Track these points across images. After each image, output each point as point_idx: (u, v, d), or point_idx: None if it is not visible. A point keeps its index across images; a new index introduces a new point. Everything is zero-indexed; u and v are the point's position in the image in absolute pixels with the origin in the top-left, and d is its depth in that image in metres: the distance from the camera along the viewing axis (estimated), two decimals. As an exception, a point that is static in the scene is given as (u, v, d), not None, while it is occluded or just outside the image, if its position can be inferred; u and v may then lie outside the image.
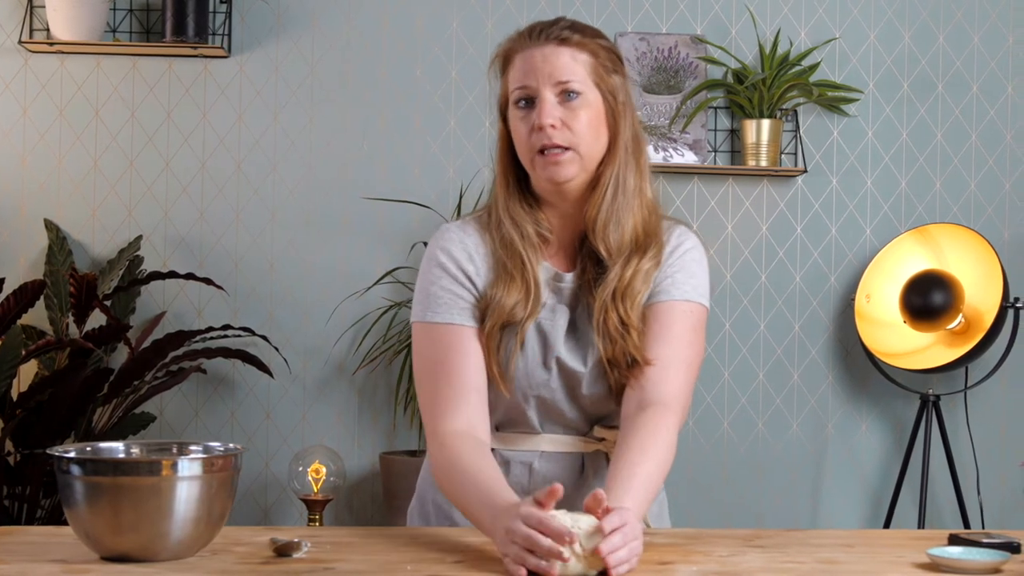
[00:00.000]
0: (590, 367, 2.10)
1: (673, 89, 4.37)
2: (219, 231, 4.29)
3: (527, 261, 2.11)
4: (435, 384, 2.09)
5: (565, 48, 2.08)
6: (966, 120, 4.46)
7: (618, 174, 2.11)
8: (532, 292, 2.10)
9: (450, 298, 2.12)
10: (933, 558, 1.78)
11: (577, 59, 2.08)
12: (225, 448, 1.88)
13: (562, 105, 2.07)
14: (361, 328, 4.25)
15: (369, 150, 4.32)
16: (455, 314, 2.11)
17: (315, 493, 4.06)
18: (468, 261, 2.14)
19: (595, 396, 2.12)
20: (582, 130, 2.07)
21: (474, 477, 1.96)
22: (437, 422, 2.07)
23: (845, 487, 4.44)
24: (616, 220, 2.11)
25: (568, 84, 2.07)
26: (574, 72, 2.08)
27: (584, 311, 2.13)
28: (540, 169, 2.09)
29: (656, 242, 2.14)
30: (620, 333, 2.07)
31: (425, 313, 2.13)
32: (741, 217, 4.40)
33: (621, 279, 2.10)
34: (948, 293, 4.13)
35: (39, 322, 4.12)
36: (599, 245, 2.10)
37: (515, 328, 2.09)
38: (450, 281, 2.13)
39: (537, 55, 2.08)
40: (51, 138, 4.25)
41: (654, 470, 1.96)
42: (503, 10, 4.34)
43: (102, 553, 1.76)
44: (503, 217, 2.14)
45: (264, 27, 4.30)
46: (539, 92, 2.07)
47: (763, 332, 4.41)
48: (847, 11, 4.43)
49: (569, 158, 2.07)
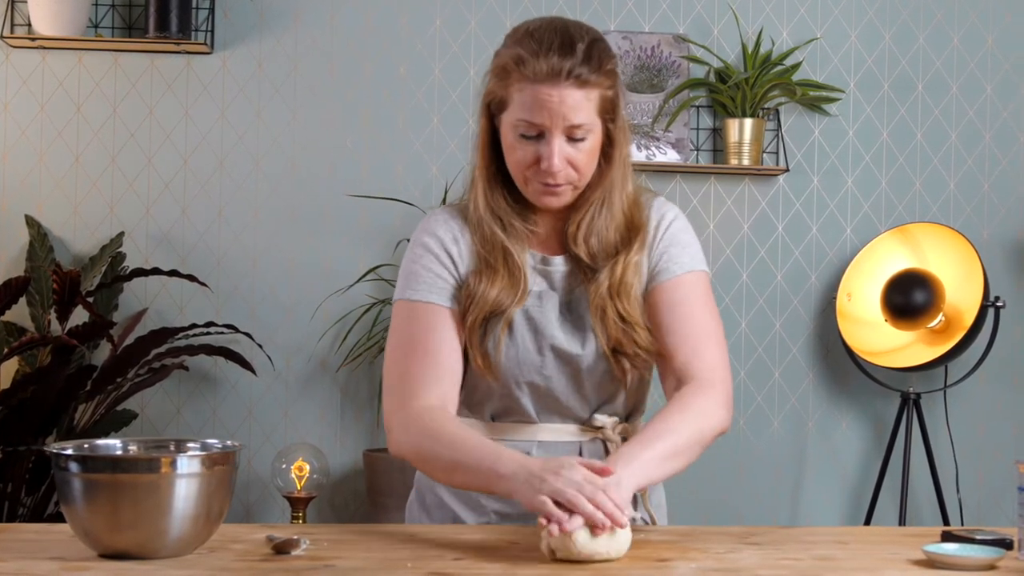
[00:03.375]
0: (589, 349, 2.11)
1: (656, 88, 4.38)
2: (202, 228, 4.27)
3: (511, 250, 2.11)
4: (408, 361, 2.09)
5: (581, 91, 2.03)
6: (946, 120, 4.49)
7: (605, 194, 2.12)
8: (518, 280, 2.10)
9: (431, 277, 2.12)
10: (929, 554, 1.80)
11: (590, 98, 2.04)
12: (223, 445, 1.87)
13: (569, 144, 2.04)
14: (344, 325, 4.25)
15: (352, 147, 4.32)
16: (434, 294, 2.11)
17: (298, 490, 4.06)
18: (453, 243, 2.15)
19: (597, 379, 2.13)
20: (583, 166, 2.07)
21: (472, 435, 2.00)
22: (408, 399, 2.07)
23: (826, 485, 4.46)
24: (596, 232, 2.12)
25: (580, 128, 2.04)
26: (586, 114, 2.04)
27: (581, 295, 2.13)
28: (536, 196, 2.09)
29: (641, 231, 2.16)
30: (620, 328, 2.09)
31: (405, 291, 2.14)
32: (723, 216, 4.42)
33: (613, 274, 2.11)
34: (928, 292, 4.16)
35: (21, 319, 4.10)
36: (581, 254, 2.12)
37: (500, 317, 2.09)
38: (432, 260, 2.14)
39: (554, 97, 2.01)
40: (32, 134, 4.23)
41: (671, 442, 1.97)
42: (487, 8, 4.34)
43: (100, 550, 1.75)
44: (484, 215, 2.14)
45: (247, 23, 4.29)
46: (549, 131, 2.03)
47: (744, 331, 4.42)
48: (828, 11, 4.45)
49: (568, 191, 2.09)
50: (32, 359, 3.98)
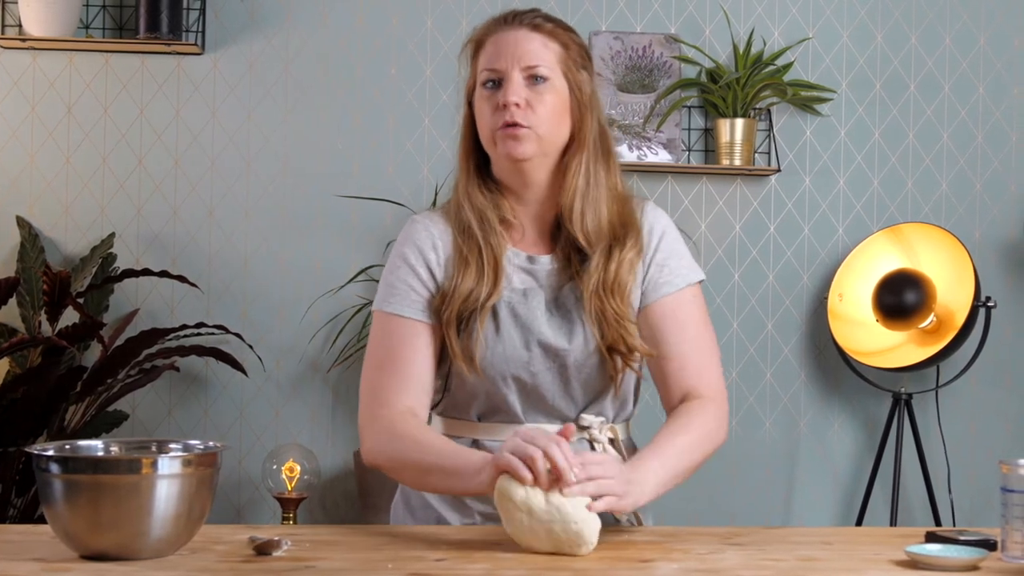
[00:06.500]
0: (576, 344, 2.11)
1: (647, 88, 4.38)
2: (193, 229, 4.27)
3: (484, 244, 2.13)
4: (381, 372, 2.14)
5: (537, 34, 2.13)
6: (937, 120, 4.49)
7: (587, 164, 2.14)
8: (489, 274, 2.11)
9: (405, 290, 2.16)
10: (912, 555, 1.79)
11: (548, 47, 2.13)
12: (205, 446, 1.87)
13: (529, 88, 2.10)
14: (335, 326, 4.24)
15: (343, 148, 4.32)
16: (406, 307, 2.15)
17: (289, 491, 4.05)
18: (431, 250, 2.17)
19: (585, 375, 2.13)
20: (545, 114, 2.11)
21: (439, 439, 2.04)
22: (378, 407, 2.12)
23: (817, 485, 4.46)
24: (593, 207, 2.13)
25: (536, 69, 2.11)
26: (543, 58, 2.12)
27: (570, 294, 2.14)
28: (500, 144, 2.12)
29: (634, 230, 2.17)
30: (614, 326, 2.10)
31: (382, 302, 2.19)
32: (714, 216, 4.42)
33: (607, 271, 2.12)
34: (920, 292, 4.15)
35: (11, 319, 4.10)
36: (576, 232, 2.13)
37: (475, 312, 2.10)
38: (408, 273, 2.17)
39: (510, 38, 2.12)
40: (23, 135, 4.23)
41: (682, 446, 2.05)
42: (478, 8, 4.34)
43: (81, 552, 1.75)
44: (462, 201, 2.18)
45: (238, 24, 4.28)
46: (507, 73, 2.10)
47: (736, 331, 4.42)
48: (820, 11, 4.45)
49: (527, 135, 2.10)
50: (22, 360, 3.98)
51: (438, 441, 2.04)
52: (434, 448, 2.02)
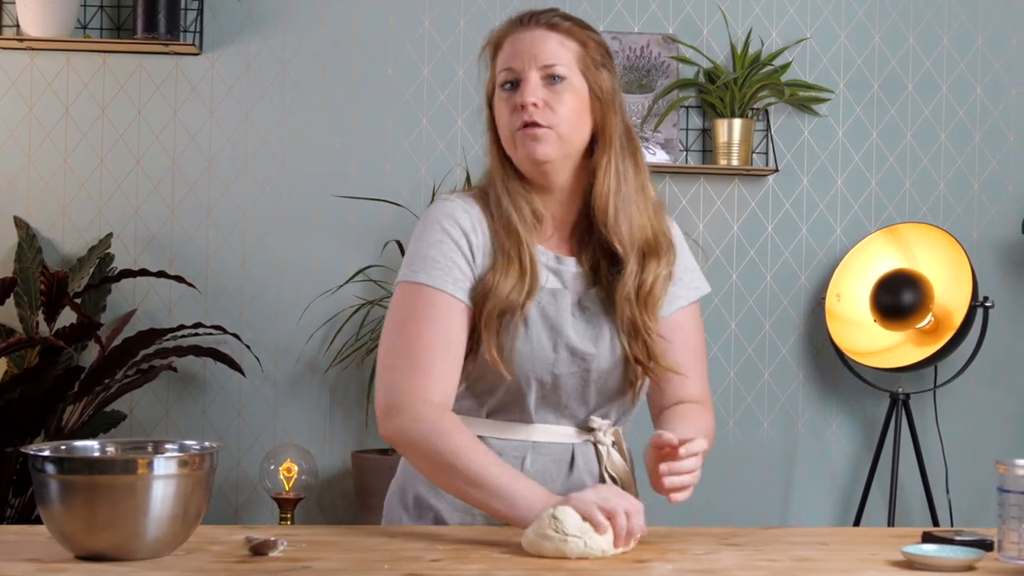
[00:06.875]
0: (603, 349, 2.10)
1: (645, 88, 4.38)
2: (190, 229, 4.27)
3: (524, 241, 2.09)
4: (413, 347, 2.04)
5: (554, 33, 2.10)
6: (935, 120, 4.49)
7: (616, 164, 2.11)
8: (528, 274, 2.07)
9: (449, 265, 2.07)
10: (908, 556, 1.79)
11: (565, 45, 2.10)
12: (201, 446, 1.87)
13: (546, 87, 2.08)
14: (333, 326, 4.24)
15: (341, 148, 4.32)
16: (450, 284, 2.06)
17: (287, 492, 4.05)
18: (472, 232, 2.10)
19: (604, 381, 2.13)
20: (564, 113, 2.08)
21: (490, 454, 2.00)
22: (416, 387, 2.02)
23: (815, 485, 4.46)
24: (625, 211, 2.11)
25: (554, 68, 2.08)
26: (560, 57, 2.09)
27: (595, 298, 2.13)
28: (520, 145, 2.08)
29: (668, 245, 2.17)
30: (644, 336, 2.11)
31: (418, 274, 2.07)
32: (712, 216, 4.42)
33: (642, 282, 2.11)
34: (918, 292, 4.16)
35: (8, 320, 4.10)
36: (612, 238, 2.10)
37: (514, 312, 2.06)
38: (452, 249, 2.08)
39: (526, 38, 2.10)
40: (20, 135, 4.22)
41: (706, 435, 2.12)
42: (475, 8, 4.34)
43: (77, 552, 1.75)
44: (502, 195, 2.12)
45: (236, 24, 4.28)
46: (524, 74, 2.08)
47: (734, 331, 4.42)
48: (818, 11, 4.45)
49: (547, 135, 2.07)
50: (20, 360, 3.98)
51: (490, 456, 1.98)
52: (487, 465, 1.96)
